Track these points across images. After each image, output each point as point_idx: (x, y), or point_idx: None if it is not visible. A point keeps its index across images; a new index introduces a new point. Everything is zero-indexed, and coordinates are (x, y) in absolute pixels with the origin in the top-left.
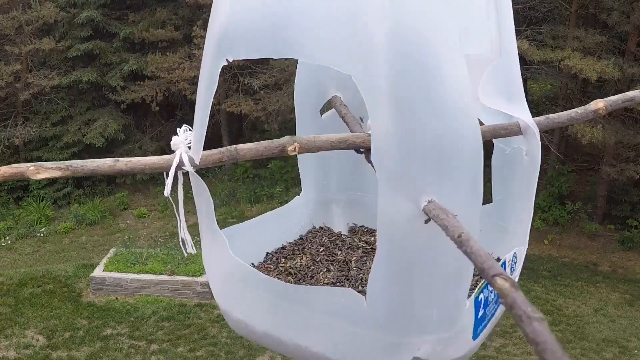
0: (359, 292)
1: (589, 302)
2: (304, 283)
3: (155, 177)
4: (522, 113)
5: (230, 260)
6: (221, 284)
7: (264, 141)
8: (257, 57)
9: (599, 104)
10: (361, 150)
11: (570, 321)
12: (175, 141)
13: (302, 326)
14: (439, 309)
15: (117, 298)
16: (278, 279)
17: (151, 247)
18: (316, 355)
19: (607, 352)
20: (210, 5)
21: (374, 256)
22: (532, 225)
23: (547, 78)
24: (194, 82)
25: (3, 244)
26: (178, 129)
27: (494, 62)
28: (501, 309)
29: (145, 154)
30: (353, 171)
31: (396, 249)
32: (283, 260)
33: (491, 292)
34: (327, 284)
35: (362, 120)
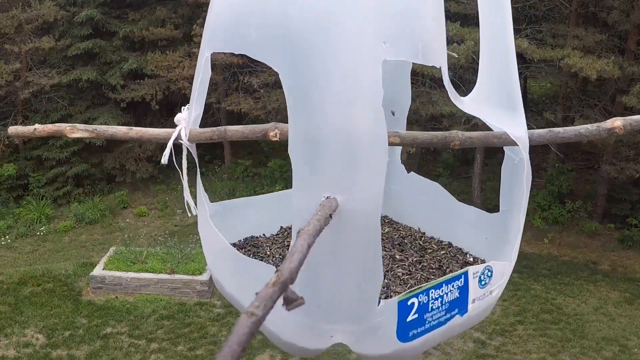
0: None
1: (588, 301)
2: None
3: (155, 176)
4: (514, 124)
5: (217, 238)
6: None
7: (250, 125)
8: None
9: (615, 122)
10: None
11: (570, 320)
12: (178, 117)
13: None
14: (345, 302)
15: (116, 297)
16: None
17: (151, 246)
18: (265, 328)
19: (606, 350)
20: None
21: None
22: (532, 224)
23: (547, 77)
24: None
25: (3, 243)
26: (183, 107)
27: (490, 67)
28: (463, 319)
29: (145, 153)
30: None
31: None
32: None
33: (437, 300)
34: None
35: (393, 114)
